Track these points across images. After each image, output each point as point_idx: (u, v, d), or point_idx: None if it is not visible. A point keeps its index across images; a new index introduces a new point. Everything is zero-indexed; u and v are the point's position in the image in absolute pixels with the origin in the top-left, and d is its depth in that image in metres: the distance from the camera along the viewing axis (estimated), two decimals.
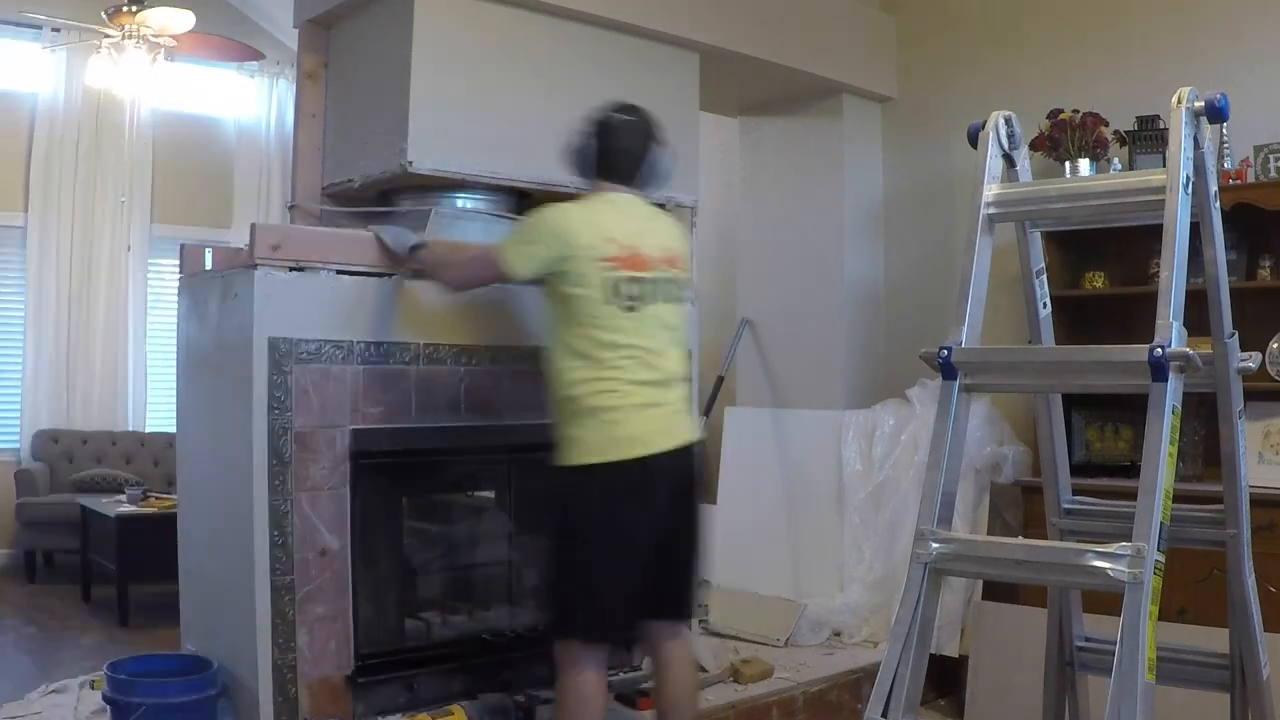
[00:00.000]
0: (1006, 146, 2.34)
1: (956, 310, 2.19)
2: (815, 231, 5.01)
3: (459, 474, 3.82)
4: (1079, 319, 4.16)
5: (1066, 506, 2.52)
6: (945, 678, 4.12)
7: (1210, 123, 2.11)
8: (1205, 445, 3.83)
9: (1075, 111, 4.10)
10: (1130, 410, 3.98)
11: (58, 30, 6.29)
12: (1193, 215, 2.08)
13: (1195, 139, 2.08)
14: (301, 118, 3.87)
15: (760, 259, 5.21)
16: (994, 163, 2.31)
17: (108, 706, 2.95)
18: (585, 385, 2.76)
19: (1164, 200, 2.03)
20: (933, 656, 2.23)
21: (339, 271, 3.22)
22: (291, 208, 3.86)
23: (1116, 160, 4.15)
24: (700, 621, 4.14)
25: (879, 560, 4.43)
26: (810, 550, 4.76)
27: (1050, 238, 3.84)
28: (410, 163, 3.45)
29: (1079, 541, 2.21)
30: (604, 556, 2.72)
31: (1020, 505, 4.22)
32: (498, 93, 3.68)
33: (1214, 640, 2.46)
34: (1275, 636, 2.61)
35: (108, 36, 5.64)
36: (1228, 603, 2.34)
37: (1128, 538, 1.86)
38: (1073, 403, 3.96)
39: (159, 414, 6.87)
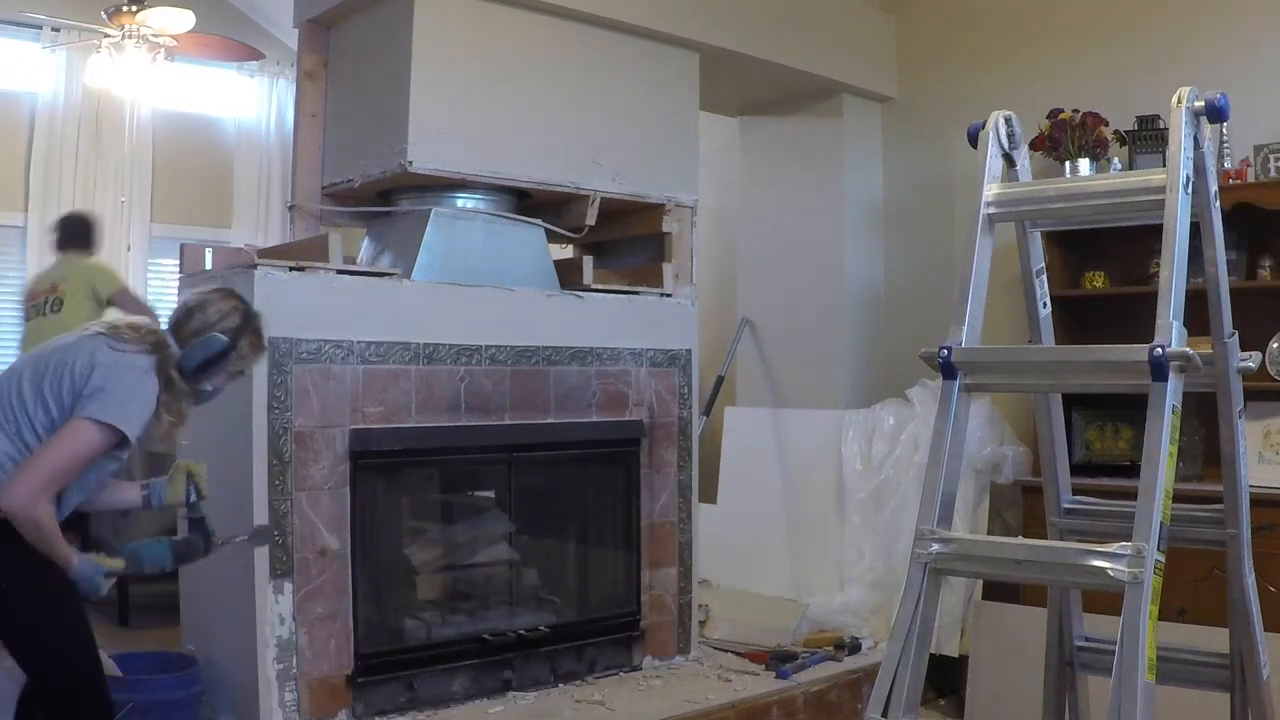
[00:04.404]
0: (1006, 146, 2.34)
1: (956, 310, 2.19)
2: (815, 231, 5.01)
3: (459, 474, 3.82)
4: (1079, 319, 4.15)
5: (1066, 506, 2.52)
6: (945, 678, 4.12)
7: (1210, 123, 2.10)
8: (1205, 445, 3.83)
9: (1075, 111, 4.10)
10: (1130, 410, 3.98)
11: (58, 30, 6.27)
12: (1193, 215, 2.08)
13: (1195, 139, 2.08)
14: (301, 118, 3.88)
15: (760, 259, 5.20)
16: (994, 163, 2.30)
17: None
18: None
19: (1164, 200, 2.03)
20: (933, 656, 2.23)
21: (339, 271, 3.23)
22: (291, 208, 3.86)
23: (1116, 160, 4.14)
24: (700, 622, 4.14)
25: (879, 560, 4.42)
26: (810, 550, 4.76)
27: (1050, 238, 3.84)
28: (410, 163, 3.45)
29: (1079, 541, 2.21)
30: None
31: (1020, 505, 4.22)
32: (498, 93, 3.69)
33: (1214, 640, 2.46)
34: (1275, 636, 2.61)
35: (108, 36, 5.63)
36: (1228, 603, 2.34)
37: (1128, 538, 1.86)
38: (1073, 403, 3.95)
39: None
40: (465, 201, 3.72)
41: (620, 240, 4.29)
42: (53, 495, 2.32)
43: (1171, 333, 1.92)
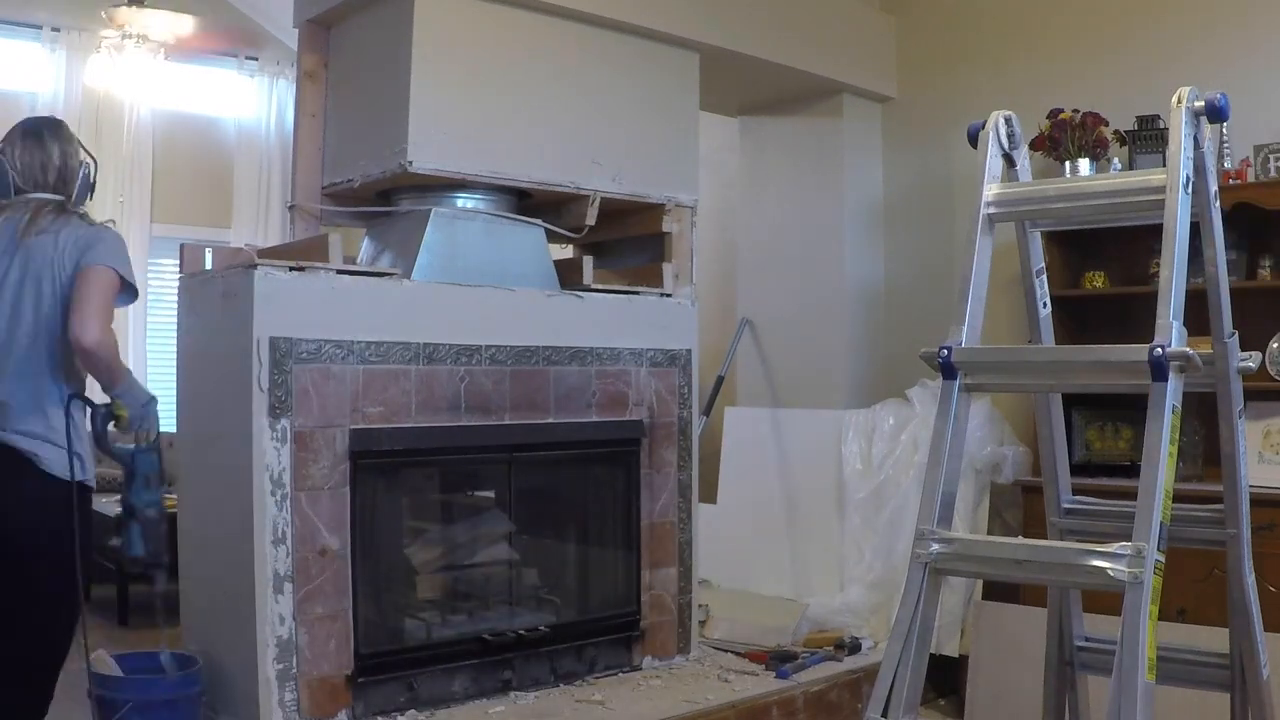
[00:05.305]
0: (1006, 146, 2.34)
1: (956, 310, 2.19)
2: (815, 231, 5.01)
3: (459, 474, 3.82)
4: (1079, 319, 4.16)
5: (1066, 506, 2.52)
6: (945, 678, 4.12)
7: (1210, 122, 2.10)
8: (1205, 445, 3.82)
9: (1075, 111, 4.10)
10: (1130, 410, 3.98)
11: (58, 30, 6.29)
12: (1193, 215, 2.08)
13: (1195, 139, 2.08)
14: (301, 118, 3.88)
15: (760, 259, 5.20)
16: (994, 163, 2.30)
17: (94, 703, 2.95)
18: None
19: (1164, 200, 2.03)
20: (933, 656, 2.23)
21: (339, 271, 3.23)
22: (291, 208, 3.86)
23: (1116, 160, 4.15)
24: (700, 622, 4.14)
25: (879, 560, 4.42)
26: (810, 550, 4.76)
27: (1050, 238, 3.84)
28: (410, 163, 3.46)
29: (1079, 541, 2.21)
30: None
31: (1020, 505, 4.22)
32: (498, 93, 3.69)
33: (1214, 640, 2.46)
34: (1275, 636, 2.61)
35: (107, 37, 5.64)
36: (1228, 603, 2.34)
37: (1128, 538, 1.85)
38: (1073, 403, 3.96)
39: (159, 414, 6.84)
40: (465, 201, 3.72)
41: (620, 240, 4.29)
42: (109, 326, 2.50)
43: (1171, 333, 1.92)
